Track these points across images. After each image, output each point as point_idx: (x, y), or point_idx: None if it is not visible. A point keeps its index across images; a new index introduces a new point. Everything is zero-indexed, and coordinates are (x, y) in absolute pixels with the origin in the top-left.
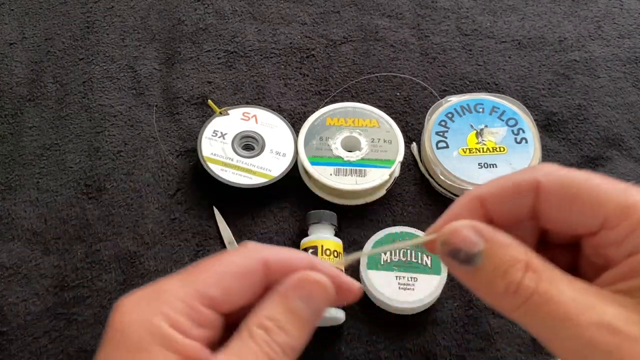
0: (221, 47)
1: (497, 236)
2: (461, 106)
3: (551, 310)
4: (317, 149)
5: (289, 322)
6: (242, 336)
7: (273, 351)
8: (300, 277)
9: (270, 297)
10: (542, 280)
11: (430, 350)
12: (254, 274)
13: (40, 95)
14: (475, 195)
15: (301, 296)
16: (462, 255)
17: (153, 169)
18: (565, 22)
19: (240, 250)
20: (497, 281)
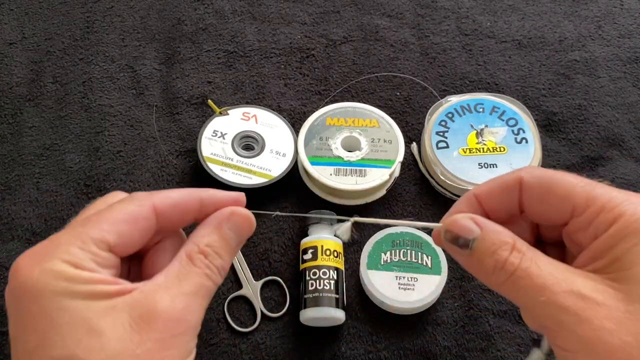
0: (221, 47)
1: (489, 224)
2: (461, 106)
3: (532, 282)
4: (317, 149)
5: (222, 248)
6: (182, 261)
7: (211, 271)
8: (232, 212)
9: (205, 228)
10: (525, 258)
11: (430, 350)
12: (146, 220)
13: (40, 95)
14: (472, 193)
15: (231, 227)
16: (461, 241)
17: (153, 169)
18: (565, 22)
19: (130, 199)
20: (487, 260)
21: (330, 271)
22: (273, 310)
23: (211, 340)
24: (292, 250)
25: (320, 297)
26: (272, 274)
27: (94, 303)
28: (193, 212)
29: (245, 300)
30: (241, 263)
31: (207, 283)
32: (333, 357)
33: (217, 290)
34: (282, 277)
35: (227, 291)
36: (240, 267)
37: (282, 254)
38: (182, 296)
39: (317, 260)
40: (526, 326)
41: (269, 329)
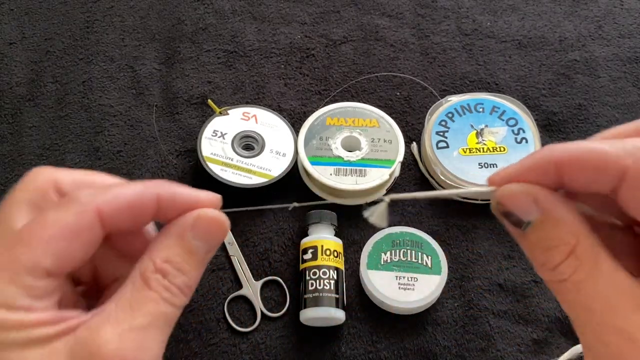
0: (221, 47)
1: (553, 210)
2: (461, 106)
3: (579, 300)
4: (317, 149)
5: (187, 262)
6: (135, 284)
7: (171, 294)
8: (198, 216)
9: (163, 239)
10: (581, 269)
11: (430, 350)
12: (89, 231)
13: (40, 95)
14: (550, 157)
15: (198, 235)
16: (513, 219)
17: (153, 169)
18: (565, 22)
19: (67, 203)
20: (539, 253)
21: (330, 271)
22: (273, 310)
23: (211, 340)
24: (292, 250)
25: (320, 297)
26: (272, 274)
27: (30, 353)
28: (148, 214)
29: (245, 300)
30: (241, 263)
31: (166, 310)
32: (333, 357)
33: (217, 290)
34: (282, 277)
35: (227, 291)
36: (240, 267)
37: (282, 254)
38: (134, 332)
39: (317, 260)
40: (526, 326)
41: (269, 329)
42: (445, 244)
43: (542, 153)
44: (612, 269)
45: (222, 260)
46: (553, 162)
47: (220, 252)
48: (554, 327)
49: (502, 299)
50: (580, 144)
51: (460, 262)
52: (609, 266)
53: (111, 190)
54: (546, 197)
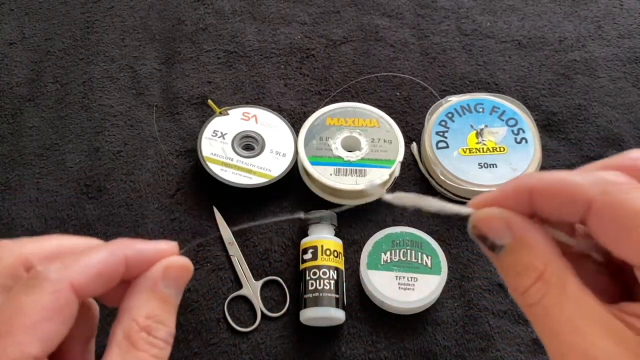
0: (221, 47)
1: (524, 235)
2: (461, 106)
3: (547, 324)
4: (317, 149)
5: (165, 312)
6: (122, 348)
7: (158, 349)
8: (166, 266)
9: (138, 296)
10: (549, 294)
11: (430, 350)
12: (68, 306)
13: (40, 95)
14: (525, 185)
15: (169, 284)
16: (488, 242)
17: (153, 169)
18: (565, 22)
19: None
20: (510, 277)
21: (330, 271)
22: (273, 310)
23: (211, 340)
24: (292, 250)
25: (320, 297)
26: (272, 274)
27: None
28: (118, 275)
29: (245, 300)
30: (241, 263)
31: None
32: (333, 357)
33: (217, 290)
34: (282, 277)
35: (227, 291)
36: (240, 267)
37: (282, 254)
38: None
39: (317, 260)
40: (526, 326)
41: (269, 329)
42: (445, 244)
43: (519, 180)
44: (579, 294)
45: (222, 260)
46: (527, 190)
47: (220, 252)
48: None
49: (502, 299)
50: (554, 174)
51: (460, 262)
52: (577, 291)
53: (80, 261)
54: (518, 223)
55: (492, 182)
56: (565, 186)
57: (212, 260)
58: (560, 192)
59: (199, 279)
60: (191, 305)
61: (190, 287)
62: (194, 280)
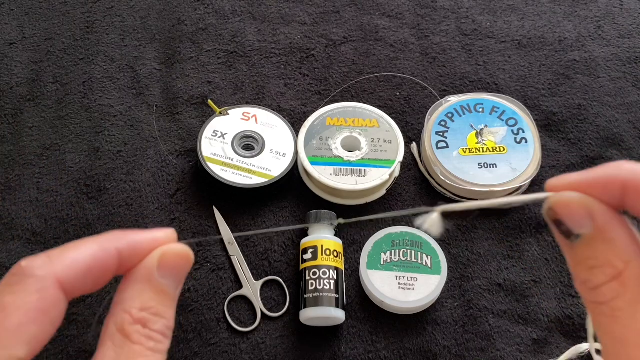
0: (221, 47)
1: (607, 229)
2: (461, 106)
3: (612, 327)
4: (317, 149)
5: (162, 304)
6: (116, 341)
7: (155, 342)
8: (162, 255)
9: (132, 287)
10: (623, 296)
11: (430, 350)
12: (54, 306)
13: (40, 95)
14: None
15: (166, 274)
16: (563, 228)
17: (153, 169)
18: (565, 22)
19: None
20: (582, 269)
21: (330, 271)
22: (273, 310)
23: (211, 340)
24: (292, 250)
25: (320, 297)
26: (272, 274)
27: None
28: (111, 270)
29: (245, 300)
30: (241, 263)
31: (155, 357)
32: (333, 357)
33: (217, 290)
34: (282, 277)
35: (227, 291)
36: (240, 267)
37: (282, 254)
38: None
39: (317, 260)
40: (526, 326)
41: (269, 329)
42: (445, 244)
43: (610, 168)
44: None
45: (222, 260)
46: (619, 181)
47: (220, 252)
48: (553, 327)
49: (502, 299)
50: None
51: (460, 262)
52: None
53: (67, 254)
54: (603, 213)
55: (492, 182)
56: None
57: (212, 260)
58: None
59: (199, 279)
60: (191, 305)
61: (190, 287)
62: (194, 280)
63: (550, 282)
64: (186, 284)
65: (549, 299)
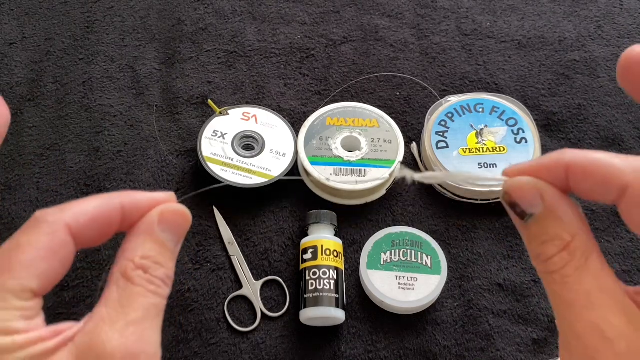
0: (221, 47)
1: (556, 207)
2: (461, 106)
3: (562, 293)
4: (317, 149)
5: (162, 255)
6: (120, 284)
7: (156, 286)
8: (162, 211)
9: (134, 239)
10: (571, 264)
11: (430, 350)
12: (63, 247)
13: (40, 95)
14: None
15: (166, 228)
16: (518, 210)
17: (153, 169)
18: (565, 22)
19: (37, 225)
20: (536, 245)
21: (330, 271)
22: (273, 310)
23: (211, 340)
24: (292, 250)
25: (320, 297)
26: (272, 274)
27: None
28: (115, 223)
29: (245, 300)
30: (241, 263)
31: (155, 301)
32: (333, 357)
33: (217, 290)
34: (282, 277)
35: (227, 291)
36: (240, 267)
37: (282, 254)
38: (132, 326)
39: (317, 260)
40: (526, 326)
41: (269, 329)
42: (445, 244)
43: (556, 155)
44: (600, 269)
45: (222, 260)
46: (563, 165)
47: (221, 252)
48: (553, 327)
49: (502, 299)
50: (591, 153)
51: (460, 262)
52: (598, 266)
53: (76, 205)
54: (551, 194)
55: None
56: (603, 167)
57: (212, 260)
58: (596, 172)
59: (199, 279)
60: (191, 305)
61: (190, 287)
62: (194, 280)
63: None
64: (186, 284)
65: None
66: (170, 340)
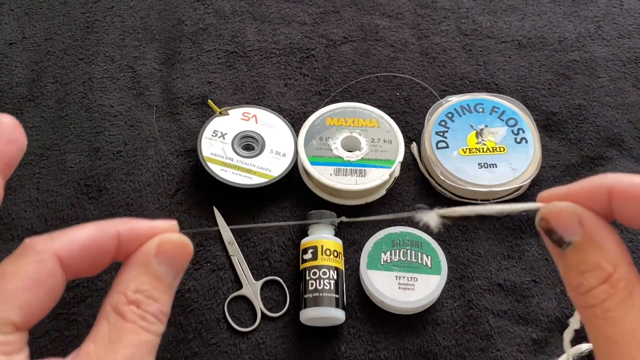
0: (221, 47)
1: (596, 234)
2: (461, 106)
3: (606, 329)
4: (317, 149)
5: (157, 289)
6: (110, 319)
7: (148, 322)
8: (159, 242)
9: (129, 270)
10: (614, 298)
11: (430, 350)
12: (51, 277)
13: (40, 95)
14: (604, 184)
15: (163, 261)
16: (555, 237)
17: (153, 169)
18: (565, 22)
19: (24, 253)
20: (573, 275)
21: (330, 271)
22: (273, 310)
23: (211, 340)
24: (292, 250)
25: (320, 297)
26: (272, 274)
27: None
28: (110, 252)
29: (245, 300)
30: (241, 263)
31: (146, 338)
32: (333, 357)
33: (217, 290)
34: (282, 277)
35: (227, 291)
36: (240, 267)
37: (282, 254)
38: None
39: (317, 260)
40: (526, 326)
41: (269, 329)
42: (445, 244)
43: (597, 179)
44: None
45: (222, 260)
46: (605, 189)
47: (221, 252)
48: (553, 327)
49: (502, 299)
50: (637, 177)
51: (460, 262)
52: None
53: (67, 234)
54: (591, 220)
55: (492, 182)
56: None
57: (212, 260)
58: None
59: (199, 279)
60: (191, 305)
61: (190, 287)
62: (194, 280)
63: (550, 282)
64: (186, 284)
65: (549, 299)
66: (170, 340)
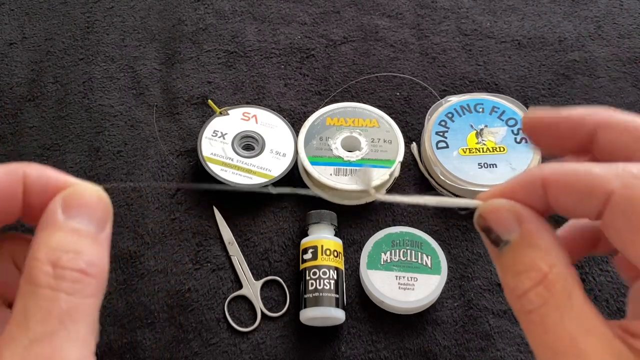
0: (221, 47)
1: (533, 233)
2: (461, 106)
3: (541, 335)
4: (317, 149)
5: (77, 242)
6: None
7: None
8: (64, 196)
9: (40, 233)
10: (550, 301)
11: (430, 350)
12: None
13: (40, 95)
14: (538, 176)
15: (75, 214)
16: (492, 236)
17: (153, 169)
18: (565, 22)
19: None
20: (509, 276)
21: (330, 271)
22: (273, 310)
23: (211, 340)
24: (292, 250)
25: (320, 297)
26: (272, 274)
27: None
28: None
29: (245, 300)
30: (241, 263)
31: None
32: (333, 357)
33: (217, 290)
34: (282, 277)
35: (227, 291)
36: (240, 267)
37: (282, 254)
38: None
39: (317, 260)
40: None
41: (269, 329)
42: (445, 244)
43: (532, 171)
44: (583, 307)
45: (222, 260)
46: (540, 181)
47: (220, 252)
48: None
49: (502, 299)
50: (569, 165)
51: (460, 262)
52: (581, 304)
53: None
54: (529, 218)
55: (492, 182)
56: (583, 177)
57: (212, 260)
58: (577, 183)
59: (199, 279)
60: (191, 305)
61: (190, 287)
62: (194, 280)
63: None
64: (186, 284)
65: None
66: (170, 340)
